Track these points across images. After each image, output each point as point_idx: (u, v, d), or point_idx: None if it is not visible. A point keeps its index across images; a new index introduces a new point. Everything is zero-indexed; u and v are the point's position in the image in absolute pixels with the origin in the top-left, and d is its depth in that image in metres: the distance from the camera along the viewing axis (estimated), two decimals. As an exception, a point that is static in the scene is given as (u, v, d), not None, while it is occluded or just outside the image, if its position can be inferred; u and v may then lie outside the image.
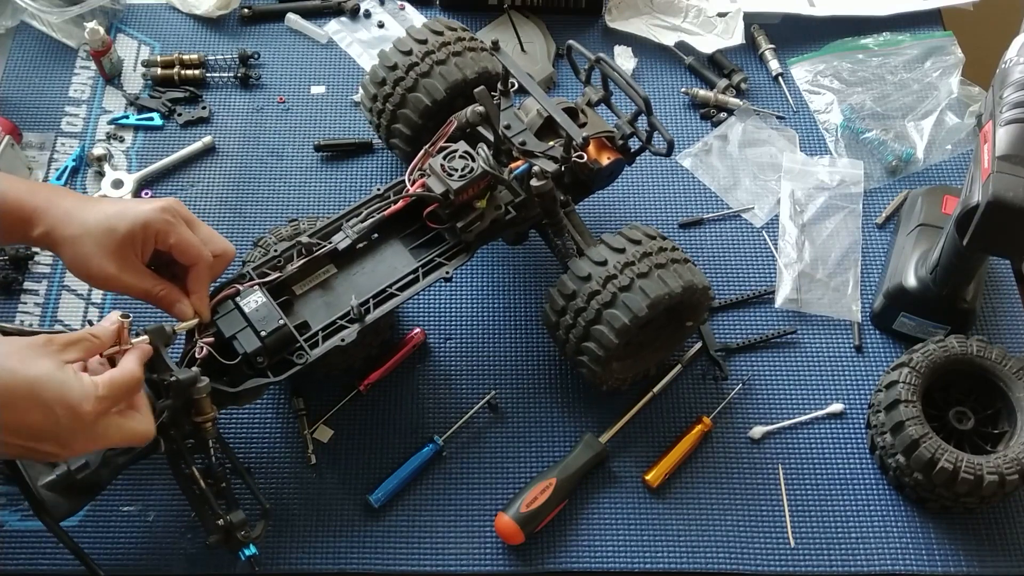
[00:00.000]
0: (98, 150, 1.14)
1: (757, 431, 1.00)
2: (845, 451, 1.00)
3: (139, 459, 0.83)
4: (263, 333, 0.84)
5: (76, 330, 0.74)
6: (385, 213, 0.92)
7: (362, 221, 0.92)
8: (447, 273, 0.91)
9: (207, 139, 1.16)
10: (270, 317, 0.85)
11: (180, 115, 1.18)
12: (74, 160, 1.15)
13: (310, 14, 1.28)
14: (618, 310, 0.88)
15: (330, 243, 0.91)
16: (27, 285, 1.07)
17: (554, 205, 0.95)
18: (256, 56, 1.23)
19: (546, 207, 0.95)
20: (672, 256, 0.91)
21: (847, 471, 0.99)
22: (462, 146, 0.91)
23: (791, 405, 1.02)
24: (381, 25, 1.29)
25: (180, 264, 0.84)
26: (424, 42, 1.02)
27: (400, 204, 0.92)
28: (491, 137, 0.95)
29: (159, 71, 1.21)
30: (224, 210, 1.13)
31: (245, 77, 1.22)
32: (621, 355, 0.93)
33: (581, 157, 0.95)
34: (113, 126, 1.18)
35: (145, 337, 0.78)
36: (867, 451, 1.00)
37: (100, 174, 1.13)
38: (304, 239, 0.90)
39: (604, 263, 0.90)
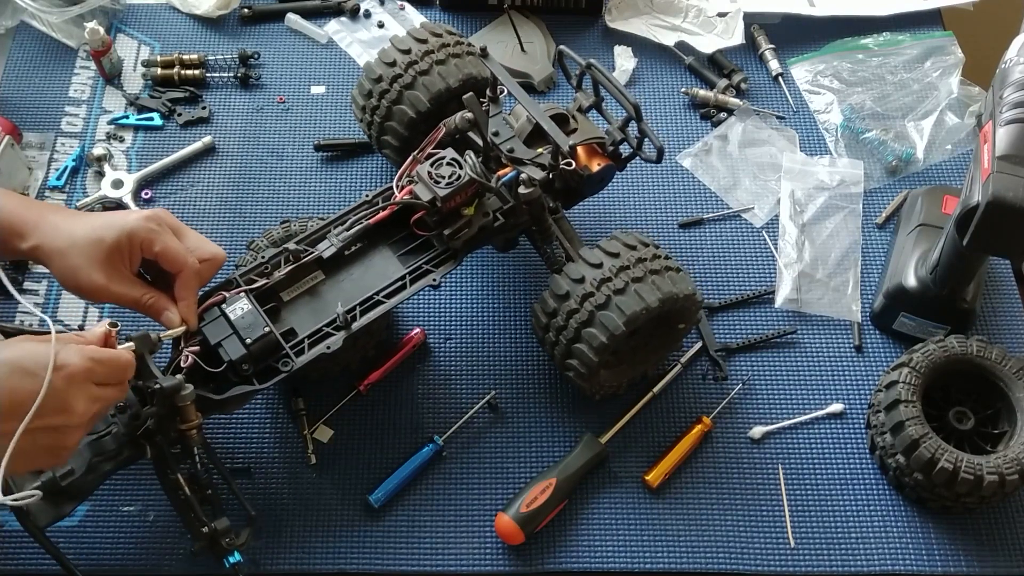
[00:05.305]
0: (98, 150, 1.14)
1: (757, 431, 1.00)
2: (845, 451, 1.00)
3: (125, 465, 0.83)
4: (248, 340, 0.83)
5: (75, 330, 0.74)
6: (370, 221, 0.91)
7: (348, 229, 0.91)
8: (434, 280, 0.91)
9: (207, 139, 1.16)
10: (255, 324, 0.84)
11: (180, 115, 1.18)
12: (74, 160, 1.15)
13: (310, 14, 1.28)
14: (596, 329, 0.87)
15: (316, 250, 0.90)
16: (27, 285, 1.07)
17: (542, 212, 0.94)
18: (256, 56, 1.23)
19: (534, 214, 0.94)
20: (651, 266, 0.89)
21: (847, 471, 0.99)
22: (450, 153, 0.91)
23: (791, 405, 1.02)
24: (381, 25, 1.29)
25: (171, 272, 0.84)
26: (408, 52, 1.01)
27: (386, 212, 0.91)
28: (480, 143, 0.95)
29: (159, 71, 1.21)
30: (224, 210, 1.13)
31: (245, 77, 1.22)
32: (610, 364, 0.93)
33: (569, 164, 0.95)
34: (113, 126, 1.18)
35: (131, 344, 0.78)
36: (867, 451, 1.00)
37: (100, 174, 1.13)
38: (291, 246, 0.89)
39: (582, 280, 0.89)
